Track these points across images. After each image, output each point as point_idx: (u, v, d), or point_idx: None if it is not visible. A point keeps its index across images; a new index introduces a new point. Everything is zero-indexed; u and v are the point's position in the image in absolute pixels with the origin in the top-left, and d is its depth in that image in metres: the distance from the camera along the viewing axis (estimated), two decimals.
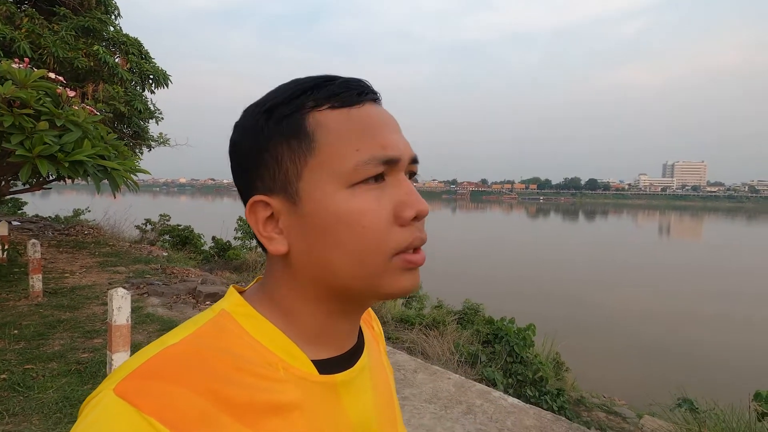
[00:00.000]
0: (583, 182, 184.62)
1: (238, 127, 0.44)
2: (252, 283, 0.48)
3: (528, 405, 3.06)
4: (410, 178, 0.46)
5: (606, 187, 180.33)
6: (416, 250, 0.43)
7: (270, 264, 0.45)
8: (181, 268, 6.56)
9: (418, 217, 0.42)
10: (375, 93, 0.45)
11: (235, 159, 0.44)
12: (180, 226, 11.69)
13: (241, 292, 0.46)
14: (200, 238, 11.33)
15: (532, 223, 55.25)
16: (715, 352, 9.21)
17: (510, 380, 4.98)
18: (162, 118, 8.32)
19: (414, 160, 0.45)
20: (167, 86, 7.41)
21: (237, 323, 0.41)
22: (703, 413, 3.43)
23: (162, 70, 7.35)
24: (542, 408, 3.68)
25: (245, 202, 0.44)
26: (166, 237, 11.33)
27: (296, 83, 0.43)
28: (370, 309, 0.61)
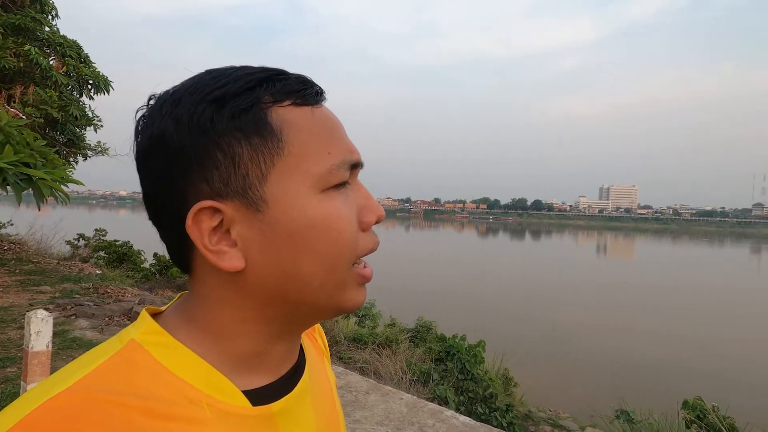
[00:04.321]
0: (529, 203, 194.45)
1: (166, 116, 0.36)
2: (171, 302, 0.41)
3: (479, 423, 3.07)
4: None
5: (550, 208, 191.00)
6: (365, 264, 0.41)
7: (203, 282, 0.38)
8: (116, 287, 6.08)
9: (377, 221, 0.41)
10: (325, 93, 0.41)
11: (161, 156, 0.36)
12: (117, 241, 10.90)
13: (156, 314, 0.40)
14: (140, 254, 10.61)
15: (483, 242, 57.06)
16: (650, 363, 9.83)
17: (461, 398, 5.00)
18: (101, 126, 7.81)
19: (361, 164, 0.44)
20: (108, 92, 6.99)
21: (149, 355, 0.34)
22: (639, 423, 3.61)
23: (103, 75, 6.94)
24: (492, 425, 3.71)
25: (170, 208, 0.36)
26: (101, 253, 10.50)
27: (244, 72, 0.37)
28: None
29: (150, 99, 0.38)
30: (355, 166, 0.40)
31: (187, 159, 0.35)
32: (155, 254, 10.53)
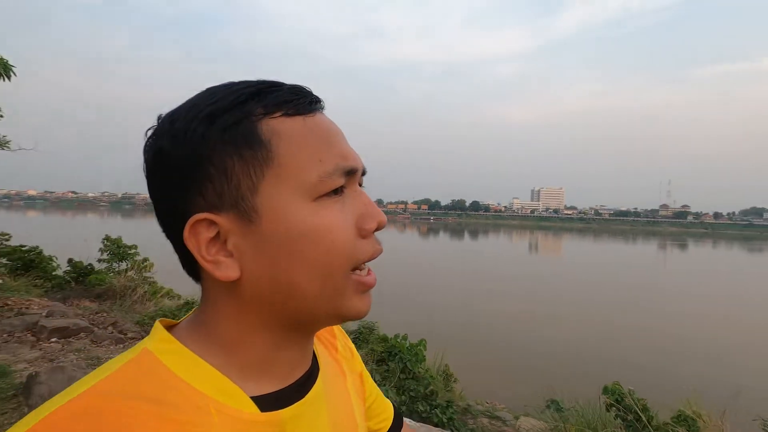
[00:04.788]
0: (467, 204, 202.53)
1: (164, 134, 0.38)
2: (186, 315, 0.43)
3: (419, 423, 3.08)
4: None
5: (486, 209, 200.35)
6: (368, 272, 0.41)
7: (209, 293, 0.40)
8: (19, 298, 5.39)
9: (378, 228, 0.41)
10: (321, 101, 0.42)
11: (162, 171, 0.38)
12: (24, 246, 9.71)
13: (171, 327, 0.41)
14: (52, 260, 9.53)
15: (424, 242, 58.45)
16: (576, 352, 10.58)
17: (403, 397, 5.02)
18: (1, 116, 6.89)
19: (363, 172, 0.43)
20: (8, 78, 6.18)
21: (160, 363, 0.36)
22: (567, 411, 3.84)
23: (3, 59, 6.12)
24: (433, 422, 3.75)
25: (173, 220, 0.38)
26: (3, 260, 9.30)
27: (237, 87, 0.38)
28: (333, 327, 0.57)
29: (158, 118, 0.40)
30: (352, 172, 0.40)
31: (183, 174, 0.37)
32: (70, 260, 9.52)
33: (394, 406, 0.65)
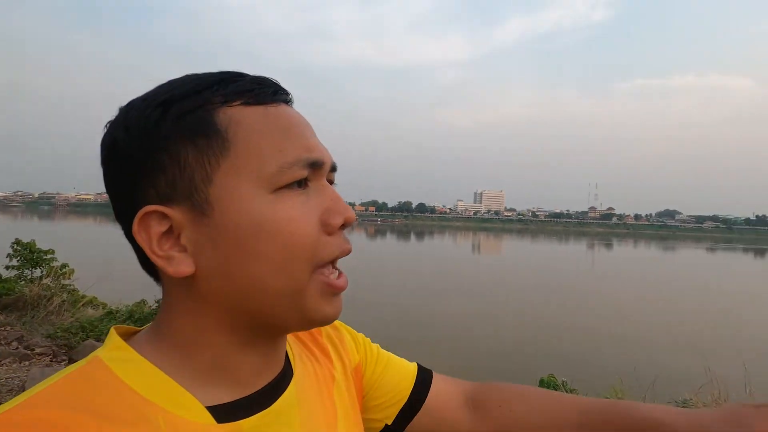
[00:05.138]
0: (414, 206, 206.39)
1: (119, 124, 0.37)
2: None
3: None
4: None
5: (432, 210, 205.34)
6: (339, 274, 0.39)
7: (166, 291, 0.38)
8: None
9: (345, 225, 0.39)
10: (288, 93, 0.41)
11: (114, 162, 0.37)
12: None
13: (134, 333, 0.39)
14: None
15: (371, 243, 58.68)
16: (516, 347, 11.06)
17: None
18: None
19: (333, 168, 0.42)
20: None
21: (109, 371, 0.34)
22: None
23: None
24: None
25: (126, 215, 0.36)
26: None
27: (197, 77, 0.37)
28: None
29: (119, 110, 0.38)
30: (317, 164, 0.38)
31: (135, 165, 0.35)
32: None
33: (419, 365, 0.62)
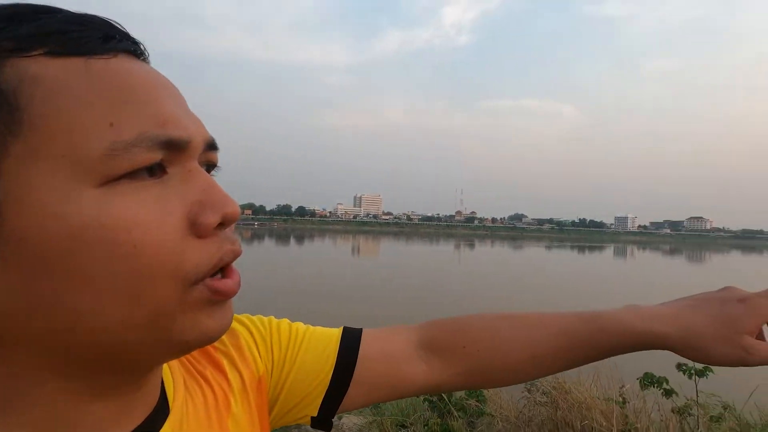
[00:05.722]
0: (294, 209, 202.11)
1: None
2: None
3: None
4: (208, 172, 0.31)
5: (312, 214, 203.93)
6: (225, 271, 0.29)
7: None
8: None
9: (225, 222, 0.28)
10: (134, 41, 0.28)
11: None
12: None
13: None
14: None
15: (249, 248, 55.63)
16: None
17: None
18: None
19: (211, 146, 0.31)
20: None
21: None
22: (383, 404, 4.03)
23: None
24: None
25: None
26: None
27: None
28: (233, 332, 0.44)
29: None
30: (176, 144, 0.26)
31: None
32: None
33: (345, 329, 0.52)
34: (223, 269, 0.28)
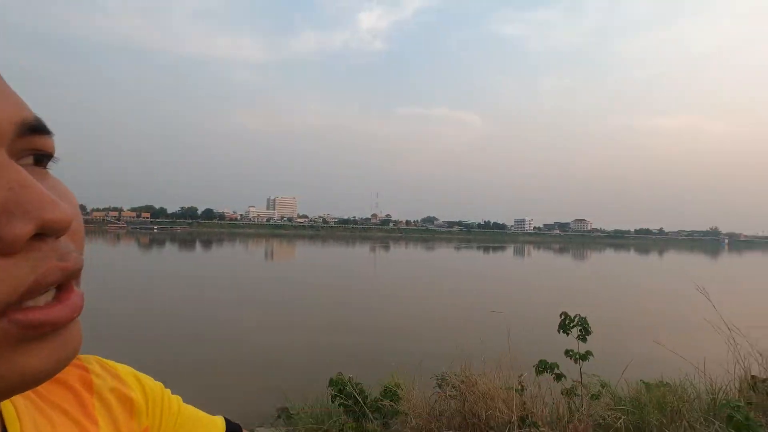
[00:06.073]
0: (200, 212, 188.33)
1: None
2: None
3: None
4: (37, 164, 0.24)
5: (222, 217, 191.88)
6: (60, 294, 0.23)
7: None
8: None
9: (46, 233, 0.21)
10: None
11: None
12: None
13: None
14: None
15: (144, 254, 50.49)
16: (308, 351, 11.23)
17: None
18: None
19: (34, 129, 0.24)
20: None
21: None
22: (296, 415, 3.90)
23: None
24: None
25: None
26: None
27: None
28: (79, 363, 0.37)
29: None
30: None
31: None
32: None
33: (226, 420, 0.51)
34: (59, 288, 0.22)
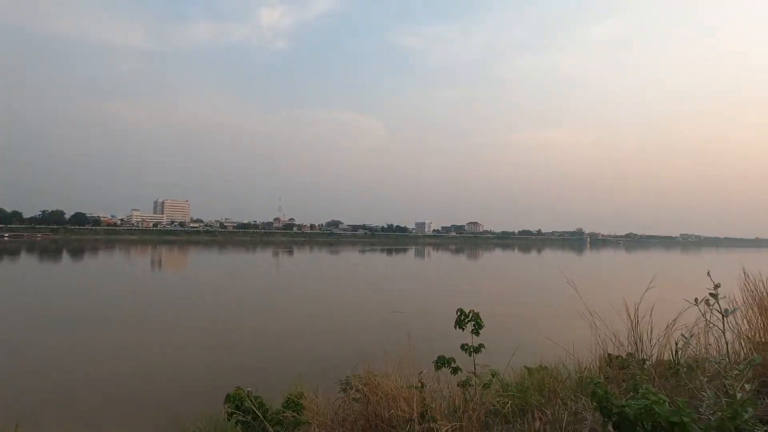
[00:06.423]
0: (67, 216, 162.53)
1: None
2: None
3: None
4: None
5: (96, 222, 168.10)
6: None
7: None
8: None
9: None
10: None
11: None
12: None
13: None
14: None
15: None
16: (199, 370, 10.32)
17: None
18: None
19: None
20: None
21: None
22: None
23: None
24: None
25: None
26: None
27: None
28: None
29: None
30: None
31: None
32: None
33: None
34: None
